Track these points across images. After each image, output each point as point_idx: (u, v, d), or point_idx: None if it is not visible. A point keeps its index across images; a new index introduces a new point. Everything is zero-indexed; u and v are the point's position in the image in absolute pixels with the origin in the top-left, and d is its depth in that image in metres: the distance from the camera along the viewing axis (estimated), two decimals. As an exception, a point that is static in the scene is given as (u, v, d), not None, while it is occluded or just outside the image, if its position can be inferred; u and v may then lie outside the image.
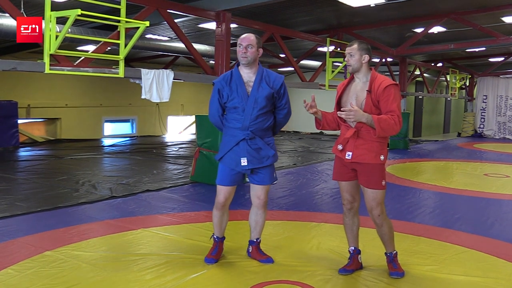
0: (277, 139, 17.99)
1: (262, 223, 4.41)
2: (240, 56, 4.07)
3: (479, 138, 20.62)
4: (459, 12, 10.40)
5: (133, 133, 17.75)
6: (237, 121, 4.12)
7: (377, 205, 3.94)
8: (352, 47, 3.94)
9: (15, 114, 13.50)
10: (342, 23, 11.47)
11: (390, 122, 3.76)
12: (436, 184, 8.82)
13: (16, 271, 3.99)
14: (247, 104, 4.08)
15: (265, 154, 4.18)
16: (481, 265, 4.43)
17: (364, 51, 3.94)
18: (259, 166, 4.16)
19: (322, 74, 11.92)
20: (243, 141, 4.11)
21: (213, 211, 4.31)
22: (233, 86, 4.10)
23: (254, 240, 4.44)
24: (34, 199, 6.81)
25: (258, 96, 4.09)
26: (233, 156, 4.14)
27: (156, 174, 9.28)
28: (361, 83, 3.98)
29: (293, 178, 9.18)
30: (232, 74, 4.15)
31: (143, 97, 7.44)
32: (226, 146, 4.17)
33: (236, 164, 4.13)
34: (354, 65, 3.94)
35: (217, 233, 4.37)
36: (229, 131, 4.18)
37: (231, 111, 4.15)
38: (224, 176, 4.21)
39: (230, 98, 4.10)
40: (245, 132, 4.10)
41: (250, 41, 4.06)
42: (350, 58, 3.94)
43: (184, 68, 16.51)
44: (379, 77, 3.92)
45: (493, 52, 17.05)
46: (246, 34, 4.13)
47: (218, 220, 4.31)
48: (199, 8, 8.17)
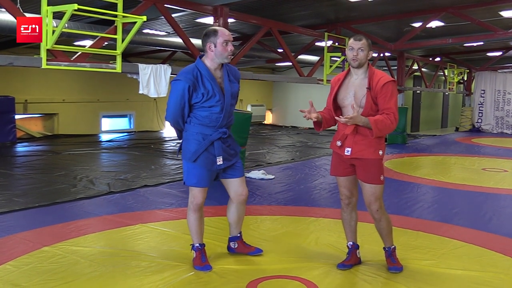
0: (275, 134, 18.00)
1: (243, 217, 4.36)
2: (227, 54, 3.89)
3: (477, 132, 20.64)
4: (457, 7, 10.38)
5: (131, 128, 17.71)
6: (210, 119, 3.92)
7: (375, 200, 3.95)
8: (363, 42, 3.89)
9: (12, 110, 13.45)
10: (340, 18, 11.44)
11: (386, 122, 3.78)
12: (434, 178, 8.83)
13: (14, 267, 3.98)
14: (225, 102, 3.93)
15: (234, 151, 4.13)
16: (479, 259, 4.43)
17: (371, 48, 3.95)
18: (230, 163, 4.06)
19: (320, 69, 11.89)
20: (217, 140, 3.96)
21: (191, 215, 4.05)
22: (207, 83, 3.86)
23: (238, 235, 4.39)
24: (31, 195, 6.80)
25: (232, 91, 4.00)
26: (208, 156, 3.94)
27: (154, 169, 9.27)
28: (359, 79, 3.95)
29: (291, 173, 9.18)
30: (199, 69, 3.89)
31: (141, 92, 7.42)
32: (200, 147, 3.91)
33: (212, 163, 3.96)
34: (363, 60, 3.89)
35: (199, 240, 4.09)
36: (198, 129, 3.93)
37: (203, 109, 3.89)
38: (202, 177, 3.97)
39: (207, 97, 3.85)
40: (221, 130, 3.96)
41: (230, 37, 3.95)
42: (360, 52, 3.87)
43: (181, 63, 16.42)
44: (376, 73, 3.91)
45: (491, 47, 17.04)
46: (225, 29, 4.00)
47: (198, 223, 4.06)
48: (197, 2, 8.13)
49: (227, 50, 3.88)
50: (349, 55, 3.92)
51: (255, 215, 5.92)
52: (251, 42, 9.70)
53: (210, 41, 3.88)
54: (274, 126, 22.32)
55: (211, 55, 3.91)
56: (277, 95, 23.22)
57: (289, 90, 22.38)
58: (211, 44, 3.87)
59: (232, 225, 4.36)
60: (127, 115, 17.78)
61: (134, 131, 17.38)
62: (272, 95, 23.39)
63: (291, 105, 22.48)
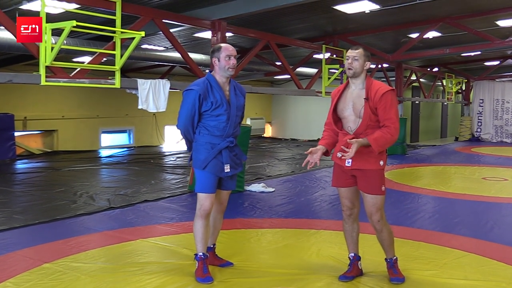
0: (274, 147, 17.99)
1: (220, 228, 4.50)
2: (228, 67, 4.13)
3: (477, 142, 20.66)
4: (454, 17, 10.43)
5: (131, 144, 17.71)
6: (218, 129, 4.14)
7: (376, 211, 3.94)
8: (358, 51, 3.94)
9: (11, 127, 13.46)
10: (337, 30, 11.50)
11: (386, 137, 3.80)
12: (435, 188, 8.82)
13: (15, 284, 3.97)
14: (231, 112, 4.15)
15: (239, 160, 4.36)
16: (481, 269, 4.42)
17: (367, 58, 3.97)
18: (236, 172, 4.30)
19: (318, 81, 11.93)
20: (225, 149, 4.16)
21: (198, 222, 4.13)
22: (216, 93, 4.10)
23: (211, 246, 4.45)
24: (32, 212, 6.79)
25: (238, 104, 4.24)
26: (217, 163, 4.14)
27: (154, 184, 9.26)
28: (357, 90, 3.96)
29: (292, 185, 9.17)
30: (209, 81, 4.15)
31: (140, 107, 7.44)
32: (209, 155, 4.12)
33: (220, 171, 4.16)
34: (357, 69, 3.92)
35: (202, 248, 4.13)
36: (207, 139, 4.15)
37: (211, 118, 4.12)
38: (211, 183, 4.15)
39: (215, 106, 4.08)
40: (228, 139, 4.17)
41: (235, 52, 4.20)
42: (355, 61, 3.91)
43: (180, 77, 16.49)
44: (375, 84, 3.91)
45: (489, 56, 17.10)
46: (229, 45, 4.24)
47: (205, 230, 4.13)
48: (195, 17, 8.18)
49: (229, 64, 4.13)
50: (345, 65, 3.98)
51: (256, 228, 5.91)
52: (250, 55, 9.74)
53: (215, 56, 4.18)
54: (273, 139, 22.33)
55: (216, 69, 4.19)
56: (276, 108, 23.27)
57: (288, 103, 22.43)
58: (216, 59, 4.17)
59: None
60: (127, 130, 17.80)
61: (133, 146, 17.38)
62: (271, 108, 23.43)
63: (290, 118, 22.51)
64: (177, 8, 8.10)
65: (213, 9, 8.17)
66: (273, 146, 18.32)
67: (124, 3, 6.77)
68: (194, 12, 8.23)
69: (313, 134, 21.03)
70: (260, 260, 4.69)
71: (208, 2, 8.06)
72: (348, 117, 3.96)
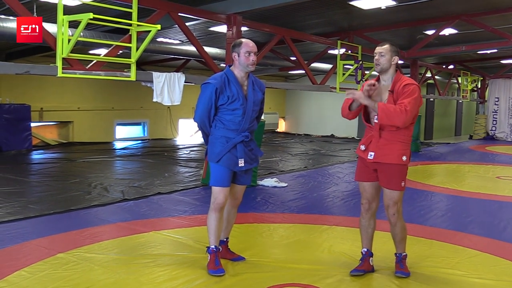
0: (288, 142, 18.00)
1: (233, 223, 4.54)
2: (248, 63, 4.12)
3: (491, 140, 20.48)
4: (470, 14, 10.35)
5: (145, 136, 17.81)
6: (234, 123, 4.15)
7: (393, 204, 3.99)
8: (384, 47, 3.99)
9: (28, 118, 13.62)
10: (352, 26, 11.44)
11: (395, 109, 3.78)
12: (448, 187, 8.78)
13: (29, 273, 4.02)
14: (247, 106, 4.16)
15: (255, 155, 4.35)
16: (494, 268, 4.40)
17: (395, 53, 3.99)
18: (251, 167, 4.29)
19: (333, 77, 11.90)
20: (240, 143, 4.17)
21: (211, 215, 4.16)
22: (233, 87, 4.12)
23: (224, 240, 4.48)
24: (47, 202, 6.86)
25: (255, 99, 4.24)
26: (231, 157, 4.15)
27: (167, 177, 9.31)
28: (386, 84, 4.01)
29: (304, 181, 9.17)
30: (227, 75, 4.16)
31: (155, 100, 7.48)
32: (223, 148, 4.14)
33: (234, 165, 4.16)
34: (384, 64, 3.96)
35: (215, 241, 4.17)
36: (222, 132, 4.17)
37: (227, 112, 4.14)
38: (224, 177, 4.16)
39: (231, 100, 4.11)
40: (243, 134, 4.17)
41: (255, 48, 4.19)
42: (381, 57, 3.96)
43: (195, 71, 16.53)
44: (403, 78, 3.97)
45: (505, 54, 16.89)
46: (250, 41, 4.23)
47: (218, 223, 4.17)
48: (210, 11, 8.20)
49: (249, 60, 4.13)
50: (374, 61, 4.03)
51: (268, 223, 5.93)
52: (264, 50, 9.74)
53: (235, 51, 4.18)
54: (287, 134, 22.31)
55: (236, 64, 4.20)
56: (290, 103, 23.24)
57: (302, 98, 22.39)
58: (236, 54, 4.17)
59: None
60: (141, 123, 17.90)
61: (148, 139, 17.48)
62: (285, 103, 23.41)
63: (304, 113, 22.48)
64: (193, 2, 8.12)
65: (229, 3, 8.18)
66: (287, 141, 18.32)
67: (140, -4, 6.80)
68: (209, 6, 8.24)
69: (327, 130, 21.00)
70: (272, 255, 4.71)
71: (224, -4, 8.08)
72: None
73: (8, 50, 12.81)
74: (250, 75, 4.28)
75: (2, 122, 12.98)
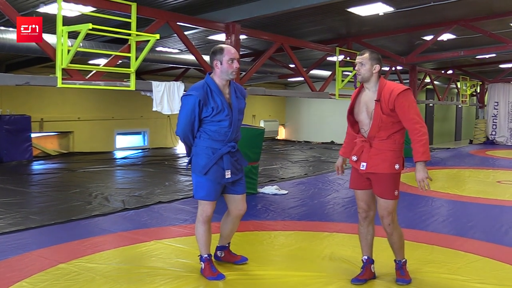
0: (288, 149, 18.00)
1: (236, 230, 4.52)
2: (232, 71, 4.02)
3: (491, 145, 20.49)
4: (468, 19, 10.38)
5: (145, 145, 17.82)
6: (219, 134, 4.03)
7: (388, 214, 3.95)
8: (363, 56, 3.94)
9: (28, 128, 13.63)
10: (351, 32, 11.49)
11: (420, 139, 3.78)
12: (449, 192, 8.77)
13: (30, 284, 4.02)
14: (233, 117, 4.05)
15: (240, 166, 4.25)
16: (495, 273, 4.39)
17: (375, 61, 3.93)
18: (236, 178, 4.18)
19: (332, 84, 11.92)
20: (226, 154, 4.07)
21: (200, 227, 4.16)
22: (216, 98, 3.98)
23: (226, 245, 4.51)
24: (47, 212, 6.86)
25: (239, 107, 4.13)
26: (218, 169, 4.04)
27: (168, 186, 9.31)
28: (370, 92, 3.97)
29: (305, 188, 9.17)
30: (209, 85, 4.02)
31: (154, 109, 7.50)
32: (210, 160, 4.02)
33: (221, 177, 4.07)
34: (365, 74, 3.93)
35: (207, 250, 4.20)
36: (208, 143, 4.04)
37: (212, 124, 4.01)
38: (212, 190, 4.08)
39: (216, 111, 3.96)
40: (230, 144, 4.07)
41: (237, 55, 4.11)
42: (361, 67, 3.93)
43: (194, 80, 16.51)
44: (388, 85, 3.90)
45: (504, 58, 16.94)
46: (231, 47, 4.14)
47: (206, 234, 4.18)
48: (209, 20, 8.23)
49: (232, 67, 4.02)
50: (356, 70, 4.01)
51: (268, 230, 5.92)
52: (263, 58, 9.77)
53: (217, 59, 4.04)
54: (287, 141, 22.32)
55: (217, 72, 4.05)
56: (289, 110, 23.27)
57: (302, 105, 22.42)
58: (218, 61, 4.03)
59: (223, 235, 4.48)
60: (141, 132, 17.92)
61: (148, 148, 17.48)
62: (285, 110, 23.44)
63: (303, 120, 22.50)
64: (192, 11, 8.16)
65: (227, 12, 8.22)
66: (287, 149, 18.33)
67: (139, 6, 6.84)
68: (208, 15, 8.28)
69: (327, 137, 21.00)
70: (273, 263, 4.70)
71: (222, 5, 8.11)
72: (363, 120, 3.98)
73: (8, 61, 12.86)
74: (232, 82, 4.16)
75: (3, 133, 12.98)
